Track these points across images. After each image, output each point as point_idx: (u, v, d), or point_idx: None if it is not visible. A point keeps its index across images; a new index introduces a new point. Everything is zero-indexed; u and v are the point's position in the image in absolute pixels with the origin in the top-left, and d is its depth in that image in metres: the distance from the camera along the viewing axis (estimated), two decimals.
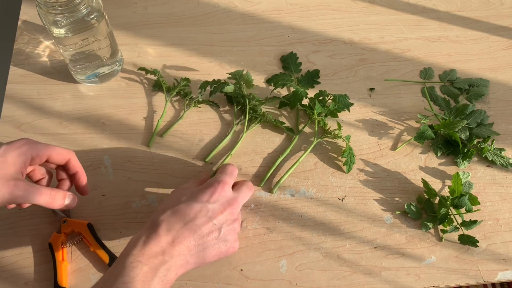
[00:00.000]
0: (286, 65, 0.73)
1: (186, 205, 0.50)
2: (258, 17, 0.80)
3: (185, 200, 0.51)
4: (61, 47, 0.63)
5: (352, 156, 0.63)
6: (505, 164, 0.64)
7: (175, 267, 0.47)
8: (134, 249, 0.46)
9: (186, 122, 0.67)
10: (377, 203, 0.62)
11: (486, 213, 0.61)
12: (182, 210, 0.49)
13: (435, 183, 0.63)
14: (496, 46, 0.77)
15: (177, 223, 0.48)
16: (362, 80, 0.73)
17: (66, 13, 0.58)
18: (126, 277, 0.43)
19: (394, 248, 0.59)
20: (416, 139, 0.65)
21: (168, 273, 0.46)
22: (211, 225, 0.50)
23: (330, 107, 0.65)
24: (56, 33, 0.61)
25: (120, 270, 0.44)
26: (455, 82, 0.72)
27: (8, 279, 0.55)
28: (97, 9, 0.61)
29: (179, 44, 0.75)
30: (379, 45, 0.77)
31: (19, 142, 0.50)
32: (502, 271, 0.57)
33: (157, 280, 0.45)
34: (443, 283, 0.56)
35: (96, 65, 0.68)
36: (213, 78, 0.70)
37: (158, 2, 0.80)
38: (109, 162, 0.63)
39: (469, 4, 0.83)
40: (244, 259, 0.57)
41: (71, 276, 0.55)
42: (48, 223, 0.59)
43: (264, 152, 0.65)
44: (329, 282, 0.56)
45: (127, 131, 0.66)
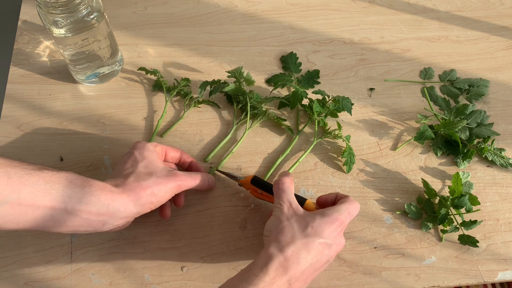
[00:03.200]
0: (286, 65, 0.73)
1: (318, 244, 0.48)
2: (258, 17, 0.80)
3: (313, 234, 0.49)
4: (61, 47, 0.63)
5: (352, 156, 0.63)
6: (505, 164, 0.64)
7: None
8: (267, 276, 0.46)
9: (186, 122, 0.67)
10: (377, 203, 0.62)
11: (486, 213, 0.61)
12: (314, 247, 0.48)
13: (435, 183, 0.63)
14: (496, 46, 0.77)
15: (307, 259, 0.48)
16: (362, 80, 0.73)
17: (66, 13, 0.58)
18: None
19: (394, 248, 0.59)
20: (416, 139, 0.65)
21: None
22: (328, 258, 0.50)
23: (330, 107, 0.65)
24: (56, 33, 0.61)
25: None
26: (455, 82, 0.72)
27: (8, 279, 0.55)
28: (97, 9, 0.61)
29: (179, 44, 0.75)
30: (379, 45, 0.77)
31: (140, 143, 0.57)
32: (502, 271, 0.57)
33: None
34: (443, 283, 0.56)
35: (96, 65, 0.68)
36: (213, 78, 0.70)
37: (158, 2, 0.80)
38: (109, 162, 0.63)
39: (469, 4, 0.83)
40: (244, 259, 0.57)
41: (71, 276, 0.55)
42: None
43: (264, 152, 0.65)
44: (329, 282, 0.56)
45: (127, 131, 0.66)
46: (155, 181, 0.52)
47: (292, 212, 0.51)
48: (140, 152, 0.55)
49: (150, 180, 0.52)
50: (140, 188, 0.51)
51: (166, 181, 0.53)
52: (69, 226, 0.48)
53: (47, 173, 0.47)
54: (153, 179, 0.52)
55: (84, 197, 0.48)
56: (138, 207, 0.51)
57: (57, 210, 0.46)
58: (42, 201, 0.45)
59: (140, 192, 0.51)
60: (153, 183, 0.52)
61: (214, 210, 0.60)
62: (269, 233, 0.50)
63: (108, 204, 0.49)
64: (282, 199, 0.52)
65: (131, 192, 0.51)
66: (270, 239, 0.49)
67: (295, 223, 0.50)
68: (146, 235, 0.58)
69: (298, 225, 0.49)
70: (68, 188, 0.47)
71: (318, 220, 0.50)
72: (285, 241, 0.48)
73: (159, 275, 0.56)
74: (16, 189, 0.44)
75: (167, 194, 0.54)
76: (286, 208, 0.51)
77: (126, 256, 0.57)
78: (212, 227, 0.59)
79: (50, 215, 0.46)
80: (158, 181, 0.52)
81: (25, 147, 0.64)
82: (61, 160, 0.63)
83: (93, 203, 0.48)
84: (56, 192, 0.46)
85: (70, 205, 0.47)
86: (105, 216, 0.49)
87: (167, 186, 0.53)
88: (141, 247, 0.57)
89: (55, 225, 0.48)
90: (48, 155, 0.63)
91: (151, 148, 0.56)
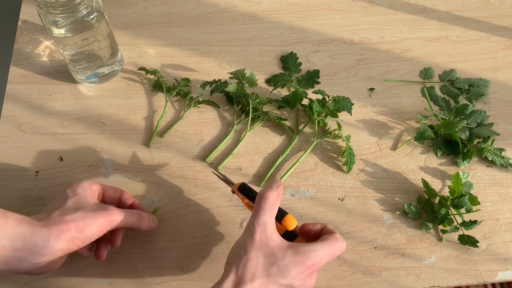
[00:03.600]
0: (286, 65, 0.73)
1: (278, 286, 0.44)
2: (258, 17, 0.80)
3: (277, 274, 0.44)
4: (61, 47, 0.63)
5: (352, 156, 0.63)
6: (505, 164, 0.64)
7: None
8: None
9: (186, 122, 0.67)
10: (377, 203, 0.62)
11: (486, 213, 0.61)
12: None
13: (435, 183, 0.63)
14: (496, 46, 0.77)
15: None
16: (362, 80, 0.73)
17: (66, 13, 0.58)
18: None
19: (394, 248, 0.59)
20: (416, 139, 0.65)
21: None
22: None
23: (330, 107, 0.65)
24: (56, 33, 0.61)
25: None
26: (455, 82, 0.72)
27: (8, 279, 0.55)
28: (97, 9, 0.61)
29: (179, 44, 0.75)
30: (379, 45, 0.77)
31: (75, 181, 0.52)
32: (502, 271, 0.57)
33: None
34: (443, 283, 0.56)
35: (96, 65, 0.68)
36: (213, 78, 0.70)
37: (158, 2, 0.80)
38: (109, 162, 0.63)
39: (469, 4, 0.83)
40: None
41: (71, 276, 0.55)
42: None
43: (264, 152, 0.65)
44: (329, 282, 0.56)
45: (127, 131, 0.66)
46: (82, 216, 0.48)
47: (263, 240, 0.46)
48: (72, 189, 0.51)
49: (76, 214, 0.48)
50: (63, 222, 0.46)
51: (95, 216, 0.48)
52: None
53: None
54: (80, 213, 0.48)
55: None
56: (61, 243, 0.46)
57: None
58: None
59: (63, 226, 0.46)
60: (78, 217, 0.47)
61: (214, 210, 0.60)
62: (231, 261, 0.46)
63: (25, 238, 0.44)
64: (258, 220, 0.46)
65: (53, 226, 0.46)
66: (229, 271, 0.45)
67: (262, 257, 0.45)
68: (146, 235, 0.58)
69: (264, 260, 0.45)
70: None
71: (287, 259, 0.45)
72: (244, 278, 0.43)
73: (159, 275, 0.56)
74: None
75: (96, 230, 0.48)
76: (259, 234, 0.46)
77: (126, 256, 0.57)
78: (212, 227, 0.59)
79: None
80: (85, 216, 0.48)
81: (25, 147, 0.64)
82: (61, 160, 0.63)
83: (7, 236, 0.44)
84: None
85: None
86: (21, 252, 0.44)
87: (96, 221, 0.48)
88: (141, 247, 0.57)
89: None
90: (48, 155, 0.63)
91: (85, 186, 0.52)
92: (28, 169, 0.62)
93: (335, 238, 0.48)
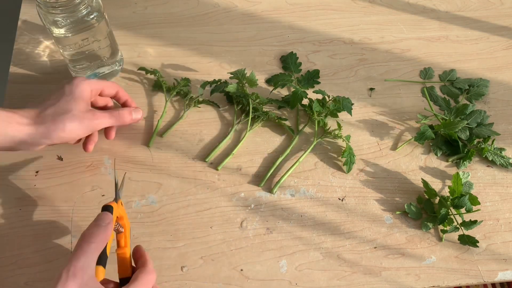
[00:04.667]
0: (286, 65, 0.73)
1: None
2: (258, 17, 0.80)
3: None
4: (61, 47, 0.63)
5: (352, 156, 0.63)
6: (505, 164, 0.64)
7: None
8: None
9: (186, 122, 0.67)
10: (377, 203, 0.62)
11: (486, 213, 0.61)
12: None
13: (435, 183, 0.63)
14: (496, 46, 0.77)
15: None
16: (362, 80, 0.73)
17: (66, 13, 0.58)
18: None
19: (394, 248, 0.59)
20: (416, 140, 0.65)
21: None
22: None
23: (330, 107, 0.65)
24: (56, 33, 0.61)
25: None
26: (455, 82, 0.72)
27: (8, 279, 0.55)
28: (97, 9, 0.61)
29: (179, 44, 0.75)
30: (379, 45, 0.77)
31: (76, 79, 0.56)
32: (502, 271, 0.57)
33: None
34: (443, 283, 0.56)
35: (96, 65, 0.67)
36: (213, 78, 0.70)
37: (158, 2, 0.80)
38: (109, 162, 0.63)
39: (469, 4, 0.83)
40: (244, 259, 0.57)
41: None
42: (48, 223, 0.59)
43: (264, 152, 0.65)
44: (329, 282, 0.56)
45: (127, 131, 0.66)
46: (70, 118, 0.53)
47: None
48: (70, 88, 0.55)
49: (66, 115, 0.53)
50: (51, 123, 0.53)
51: (82, 119, 0.54)
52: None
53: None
54: (69, 115, 0.53)
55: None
56: (46, 140, 0.53)
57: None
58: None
59: (50, 126, 0.52)
60: (67, 119, 0.53)
61: (214, 210, 0.60)
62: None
63: (13, 136, 0.51)
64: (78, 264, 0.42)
65: (40, 125, 0.52)
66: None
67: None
68: (146, 235, 0.58)
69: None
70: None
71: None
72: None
73: (159, 275, 0.56)
74: None
75: (81, 131, 0.55)
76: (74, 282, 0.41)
77: None
78: (212, 227, 0.59)
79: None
80: (73, 118, 0.54)
81: None
82: (61, 160, 0.63)
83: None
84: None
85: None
86: (12, 145, 0.52)
87: (82, 124, 0.55)
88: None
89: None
90: (48, 155, 0.63)
91: (84, 87, 0.56)
92: (28, 169, 0.62)
93: (145, 273, 0.47)
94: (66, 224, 0.59)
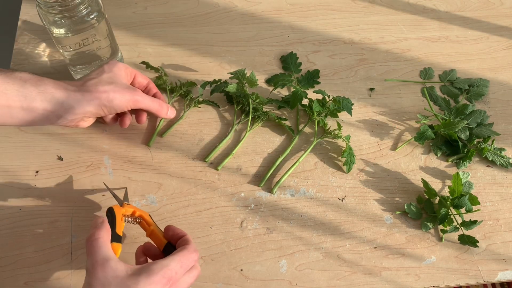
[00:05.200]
0: (286, 65, 0.73)
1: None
2: (258, 17, 0.80)
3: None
4: (61, 47, 0.63)
5: (352, 156, 0.63)
6: (505, 164, 0.64)
7: None
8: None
9: (186, 122, 0.67)
10: (377, 203, 0.62)
11: (486, 213, 0.61)
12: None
13: (435, 183, 0.63)
14: (496, 46, 0.77)
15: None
16: (362, 80, 0.73)
17: (66, 13, 0.58)
18: None
19: (394, 248, 0.59)
20: (416, 140, 0.65)
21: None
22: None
23: (330, 107, 0.65)
24: (56, 33, 0.61)
25: None
26: (455, 82, 0.72)
27: (8, 279, 0.55)
28: (97, 9, 0.61)
29: (179, 44, 0.75)
30: (379, 45, 0.77)
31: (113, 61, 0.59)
32: (502, 271, 0.57)
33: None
34: (443, 283, 0.56)
35: (96, 65, 0.67)
36: (213, 78, 0.70)
37: (158, 2, 0.80)
38: (109, 162, 0.63)
39: (469, 4, 0.83)
40: (244, 259, 0.57)
41: (71, 276, 0.55)
42: (48, 223, 0.59)
43: (264, 152, 0.65)
44: (329, 282, 0.56)
45: (127, 131, 0.66)
46: (113, 89, 0.55)
47: (109, 275, 0.43)
48: (109, 67, 0.58)
49: (108, 86, 0.55)
50: (96, 91, 0.55)
51: (124, 92, 0.56)
52: (27, 121, 0.53)
53: (1, 75, 0.51)
54: (112, 86, 0.56)
55: (39, 95, 0.52)
56: (91, 107, 0.54)
57: (13, 109, 0.51)
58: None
59: (95, 93, 0.54)
60: (110, 89, 0.55)
61: (214, 210, 0.60)
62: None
63: (62, 101, 0.53)
64: (96, 258, 0.45)
65: (86, 92, 0.54)
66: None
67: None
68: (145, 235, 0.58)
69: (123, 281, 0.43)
70: (22, 88, 0.51)
71: (142, 283, 0.43)
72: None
73: None
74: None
75: (121, 104, 0.56)
76: (101, 271, 0.44)
77: (126, 256, 0.57)
78: (212, 227, 0.59)
79: (8, 112, 0.51)
80: (116, 90, 0.56)
81: (25, 147, 0.64)
82: (61, 160, 0.63)
83: (47, 100, 0.52)
84: (10, 92, 0.50)
85: (26, 103, 0.51)
86: (59, 111, 0.53)
87: (124, 96, 0.56)
88: None
89: (13, 120, 0.52)
90: (48, 155, 0.63)
91: (121, 67, 0.59)
92: (28, 169, 0.62)
93: (187, 250, 0.48)
94: (66, 224, 0.59)
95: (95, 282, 0.43)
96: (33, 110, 0.52)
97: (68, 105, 0.53)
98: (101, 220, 0.49)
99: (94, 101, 0.54)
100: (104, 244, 0.46)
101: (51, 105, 0.52)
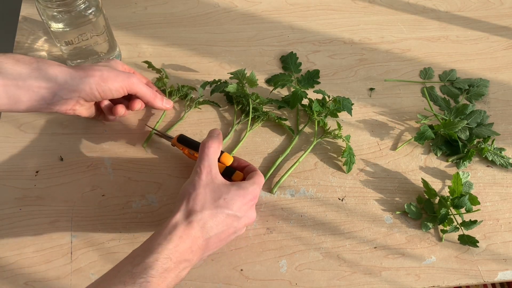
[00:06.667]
0: (286, 65, 0.73)
1: (226, 216, 0.50)
2: (258, 17, 0.80)
3: (224, 205, 0.50)
4: (59, 41, 0.64)
5: (352, 156, 0.63)
6: (505, 164, 0.64)
7: (192, 266, 0.49)
8: (170, 243, 0.46)
9: (186, 122, 0.67)
10: (377, 203, 0.62)
11: (486, 213, 0.61)
12: (222, 219, 0.50)
13: (435, 183, 0.63)
14: (496, 46, 0.77)
15: (213, 229, 0.49)
16: (362, 80, 0.73)
17: (64, 8, 0.59)
18: (154, 271, 0.44)
19: (394, 248, 0.59)
20: (416, 140, 0.65)
21: (184, 271, 0.48)
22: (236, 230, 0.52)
23: (330, 107, 0.65)
24: (54, 27, 0.61)
25: (151, 263, 0.44)
26: (455, 82, 0.72)
27: (8, 279, 0.55)
28: (95, 4, 0.61)
29: (179, 44, 0.75)
30: (379, 45, 0.77)
31: (111, 59, 0.62)
32: (502, 271, 0.57)
33: (174, 276, 0.46)
34: (443, 283, 0.56)
35: (94, 61, 0.68)
36: (213, 78, 0.70)
37: (158, 2, 0.80)
38: (109, 162, 0.63)
39: (469, 4, 0.83)
40: (244, 259, 0.57)
41: (71, 276, 0.55)
42: (48, 223, 0.59)
43: (264, 152, 0.65)
44: (329, 282, 0.56)
45: (127, 131, 0.66)
46: (108, 70, 0.56)
47: (209, 179, 0.51)
48: (106, 61, 0.60)
49: (104, 68, 0.56)
50: (90, 69, 0.55)
51: (119, 74, 0.57)
52: (25, 102, 0.53)
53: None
54: (107, 68, 0.56)
55: (33, 72, 0.52)
56: (85, 84, 0.54)
57: (9, 87, 0.51)
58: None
59: (89, 71, 0.55)
60: (104, 70, 0.56)
61: None
62: (182, 198, 0.50)
63: (56, 76, 0.53)
64: (204, 163, 0.52)
65: (80, 69, 0.55)
66: (180, 206, 0.49)
67: (209, 193, 0.50)
68: (146, 235, 0.58)
69: (211, 195, 0.50)
70: (16, 66, 0.52)
71: (232, 192, 0.51)
72: (194, 210, 0.49)
73: None
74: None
75: (116, 86, 0.56)
76: (205, 175, 0.51)
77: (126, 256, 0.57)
78: None
79: (5, 92, 0.51)
80: (111, 70, 0.56)
81: (25, 147, 0.64)
82: (61, 160, 0.63)
83: (41, 76, 0.53)
84: (5, 70, 0.51)
85: (21, 81, 0.52)
86: (54, 88, 0.53)
87: (119, 78, 0.56)
88: None
89: (10, 102, 0.52)
90: (48, 155, 0.63)
91: (118, 62, 0.61)
92: (28, 169, 0.62)
93: (258, 175, 0.55)
94: (66, 224, 0.59)
95: (198, 181, 0.51)
96: (29, 88, 0.52)
97: (62, 80, 0.54)
98: (217, 133, 0.55)
99: (88, 79, 0.55)
100: (213, 154, 0.53)
101: (45, 82, 0.53)
